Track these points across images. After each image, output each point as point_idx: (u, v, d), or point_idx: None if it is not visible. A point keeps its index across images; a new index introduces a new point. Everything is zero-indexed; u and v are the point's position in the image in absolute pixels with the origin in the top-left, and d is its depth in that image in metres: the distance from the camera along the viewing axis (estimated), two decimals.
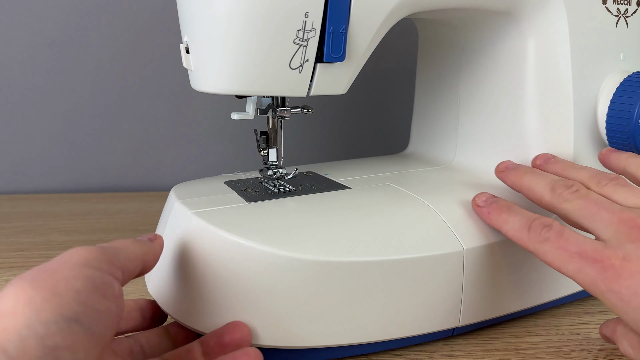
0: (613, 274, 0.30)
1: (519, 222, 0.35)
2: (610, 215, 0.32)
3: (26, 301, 0.22)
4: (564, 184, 0.36)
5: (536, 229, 0.34)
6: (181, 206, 0.37)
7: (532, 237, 0.34)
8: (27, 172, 0.74)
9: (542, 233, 0.33)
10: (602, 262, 0.30)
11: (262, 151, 0.42)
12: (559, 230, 0.33)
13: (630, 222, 0.31)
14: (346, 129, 0.79)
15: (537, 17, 0.42)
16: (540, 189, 0.37)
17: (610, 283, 0.30)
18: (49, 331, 0.21)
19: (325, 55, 0.35)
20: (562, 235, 0.33)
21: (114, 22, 0.71)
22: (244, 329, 0.32)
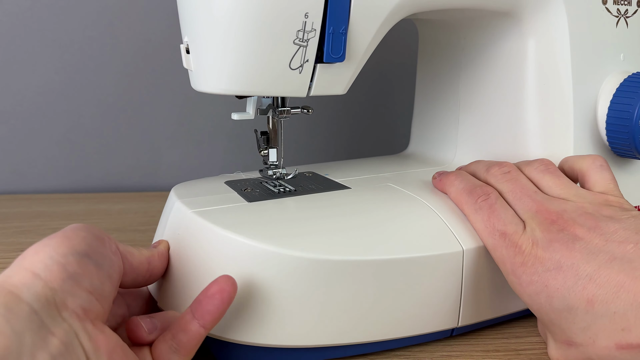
0: (520, 260, 0.32)
1: (463, 185, 0.38)
2: (532, 203, 0.34)
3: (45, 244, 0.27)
4: (499, 165, 0.38)
5: (474, 195, 0.36)
6: (182, 206, 0.37)
7: (469, 202, 0.36)
8: (27, 172, 0.74)
9: (478, 201, 0.36)
10: (515, 246, 0.33)
11: (262, 151, 0.42)
12: (492, 203, 0.35)
13: (544, 215, 0.33)
14: (346, 129, 0.79)
15: (537, 17, 0.42)
16: (478, 169, 0.40)
17: (515, 267, 0.32)
18: (67, 260, 0.26)
19: (325, 56, 0.35)
20: (494, 210, 0.35)
21: (115, 22, 0.71)
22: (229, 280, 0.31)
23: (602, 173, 0.37)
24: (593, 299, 0.29)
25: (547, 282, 0.31)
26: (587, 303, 0.29)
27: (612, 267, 0.29)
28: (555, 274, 0.31)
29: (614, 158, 0.45)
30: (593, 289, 0.29)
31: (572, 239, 0.31)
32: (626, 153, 0.43)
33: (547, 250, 0.32)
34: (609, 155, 0.44)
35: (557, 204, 0.34)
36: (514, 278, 0.33)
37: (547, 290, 0.31)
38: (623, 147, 0.42)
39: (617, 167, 0.45)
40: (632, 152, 0.42)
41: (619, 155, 0.44)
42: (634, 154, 0.42)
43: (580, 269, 0.30)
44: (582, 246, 0.31)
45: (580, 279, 0.30)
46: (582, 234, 0.31)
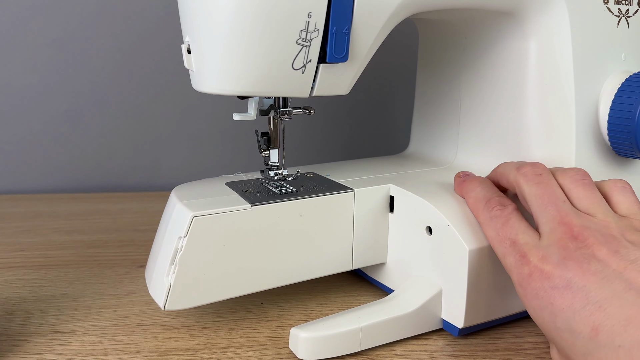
0: (527, 271, 0.31)
1: (483, 194, 0.37)
2: (556, 213, 0.33)
3: None
4: (532, 165, 0.36)
5: (491, 204, 0.36)
6: (183, 208, 0.37)
7: (485, 210, 0.36)
8: (27, 172, 0.74)
9: (494, 210, 0.35)
10: (523, 257, 0.32)
11: (263, 152, 0.42)
12: (508, 214, 0.34)
13: (566, 228, 0.32)
14: (347, 130, 0.79)
15: (539, 17, 0.42)
16: (509, 168, 0.38)
17: (521, 277, 0.32)
18: None
19: (328, 56, 0.35)
20: (509, 220, 0.34)
21: (115, 21, 0.71)
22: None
23: (625, 194, 0.35)
24: (599, 327, 0.27)
25: (553, 299, 0.30)
26: (591, 330, 0.28)
27: (626, 298, 0.27)
28: (563, 293, 0.29)
29: (616, 158, 0.45)
30: (601, 317, 0.27)
31: (589, 259, 0.30)
32: (628, 153, 0.43)
33: (557, 267, 0.30)
34: (610, 155, 0.45)
35: (583, 219, 0.32)
36: (520, 289, 0.32)
37: (552, 307, 0.30)
38: (624, 147, 0.42)
39: (618, 167, 0.45)
40: (634, 151, 0.42)
41: (620, 155, 0.44)
42: (635, 154, 0.42)
43: (591, 293, 0.28)
44: (598, 269, 0.29)
45: (589, 303, 0.28)
46: (601, 255, 0.30)
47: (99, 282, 0.47)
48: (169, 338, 0.39)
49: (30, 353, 0.37)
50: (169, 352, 0.37)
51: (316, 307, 0.43)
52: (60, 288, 0.46)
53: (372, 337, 0.37)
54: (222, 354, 0.37)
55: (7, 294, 0.45)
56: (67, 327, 0.40)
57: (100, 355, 0.37)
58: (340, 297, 0.45)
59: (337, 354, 0.36)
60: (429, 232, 0.39)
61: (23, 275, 0.49)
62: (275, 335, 0.39)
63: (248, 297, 0.44)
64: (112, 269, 0.50)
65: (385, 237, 0.43)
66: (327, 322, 0.37)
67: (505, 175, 0.38)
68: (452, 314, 0.38)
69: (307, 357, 0.35)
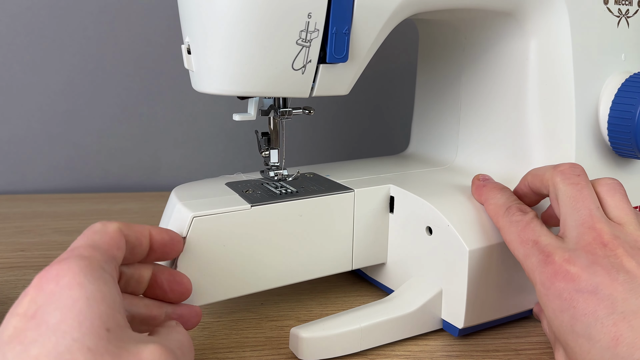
0: (550, 271, 0.31)
1: (503, 201, 0.37)
2: (588, 218, 0.32)
3: None
4: (570, 165, 0.35)
5: (512, 210, 0.35)
6: (183, 208, 0.37)
7: (505, 216, 0.35)
8: (27, 172, 0.74)
9: (515, 215, 0.35)
10: (547, 256, 0.31)
11: (263, 152, 0.42)
12: (529, 219, 0.34)
13: (597, 234, 0.31)
14: (347, 130, 0.79)
15: (539, 17, 0.42)
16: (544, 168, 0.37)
17: (544, 277, 0.31)
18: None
19: (328, 56, 0.35)
20: (529, 224, 0.34)
21: (115, 22, 0.71)
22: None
23: None
24: (619, 339, 0.27)
25: (577, 303, 0.29)
26: (611, 340, 0.27)
27: None
28: (588, 298, 0.29)
29: (616, 158, 0.45)
30: (624, 329, 0.27)
31: (618, 268, 0.29)
32: (628, 153, 0.43)
33: (585, 270, 0.29)
34: (610, 155, 0.45)
35: (614, 228, 0.32)
36: (542, 289, 0.31)
37: (574, 311, 0.29)
38: (625, 147, 0.42)
39: (618, 168, 0.45)
40: (634, 152, 0.42)
41: (620, 156, 0.44)
42: (635, 154, 0.42)
43: (617, 303, 0.28)
44: (626, 280, 0.29)
45: (614, 313, 0.28)
46: (630, 267, 0.29)
47: None
48: None
49: None
50: None
51: (316, 307, 0.43)
52: None
53: (372, 337, 0.37)
54: (222, 354, 0.37)
55: (7, 294, 0.45)
56: None
57: None
58: (340, 297, 0.45)
59: (337, 354, 0.36)
60: (429, 233, 0.39)
61: (23, 276, 0.49)
62: (275, 335, 0.39)
63: (248, 297, 0.44)
64: None
65: (385, 238, 0.43)
66: (327, 322, 0.37)
67: (539, 175, 0.37)
68: (452, 314, 0.38)
69: (307, 357, 0.35)
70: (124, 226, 0.31)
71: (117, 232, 0.30)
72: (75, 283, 0.24)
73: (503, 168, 0.45)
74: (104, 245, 0.29)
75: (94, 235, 0.29)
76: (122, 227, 0.31)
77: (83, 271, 0.25)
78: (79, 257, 0.26)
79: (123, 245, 0.30)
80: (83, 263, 0.26)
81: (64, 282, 0.24)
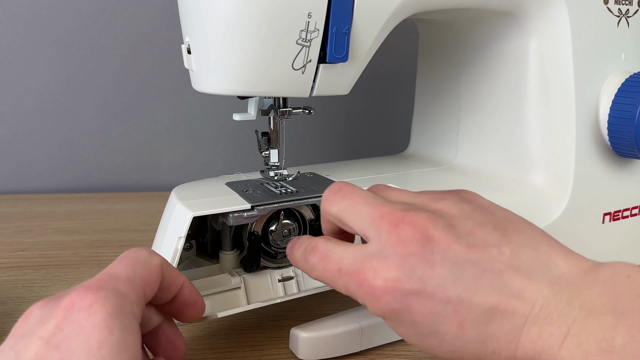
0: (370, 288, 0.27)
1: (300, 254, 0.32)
2: (372, 210, 0.29)
3: None
4: (330, 188, 0.32)
5: (306, 257, 0.31)
6: (183, 207, 0.37)
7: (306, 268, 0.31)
8: (27, 172, 0.74)
9: (310, 259, 0.30)
10: (358, 276, 0.28)
11: (263, 152, 0.42)
12: (322, 250, 0.30)
13: (391, 217, 0.28)
14: (347, 130, 0.79)
15: (539, 17, 0.42)
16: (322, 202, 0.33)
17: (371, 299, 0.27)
18: None
19: (328, 56, 0.35)
20: (326, 256, 0.30)
21: (115, 21, 0.71)
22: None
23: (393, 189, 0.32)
24: (464, 323, 0.26)
25: (411, 307, 0.26)
26: (458, 328, 0.26)
27: (481, 284, 0.26)
28: (419, 298, 0.26)
29: (616, 158, 0.45)
30: (464, 312, 0.26)
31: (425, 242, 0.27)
32: (628, 153, 0.43)
33: (401, 269, 0.26)
34: (610, 155, 0.44)
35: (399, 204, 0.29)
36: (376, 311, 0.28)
37: (412, 317, 0.26)
38: (625, 147, 0.42)
39: (618, 167, 0.45)
40: (634, 151, 0.42)
41: (620, 155, 0.44)
42: (635, 154, 0.42)
43: (447, 290, 0.26)
44: (442, 256, 0.26)
45: (450, 302, 0.26)
46: (437, 235, 0.27)
47: None
48: None
49: None
50: None
51: (316, 307, 0.43)
52: (60, 288, 0.46)
53: (372, 337, 0.37)
54: (222, 354, 0.37)
55: (7, 294, 0.45)
56: None
57: None
58: (341, 297, 0.45)
59: (337, 354, 0.36)
60: None
61: (23, 275, 0.49)
62: (275, 336, 0.39)
63: None
64: None
65: None
66: (327, 322, 0.37)
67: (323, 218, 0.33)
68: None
69: (307, 357, 0.35)
70: (166, 265, 0.30)
71: (159, 270, 0.29)
72: (105, 326, 0.24)
73: (503, 168, 0.45)
74: (142, 281, 0.28)
75: (136, 265, 0.28)
76: (164, 265, 0.30)
77: (115, 314, 0.25)
78: (115, 292, 0.26)
79: (157, 286, 0.29)
80: (117, 302, 0.25)
81: (95, 320, 0.24)
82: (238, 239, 0.41)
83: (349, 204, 0.30)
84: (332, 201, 0.31)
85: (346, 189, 0.31)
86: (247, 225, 0.39)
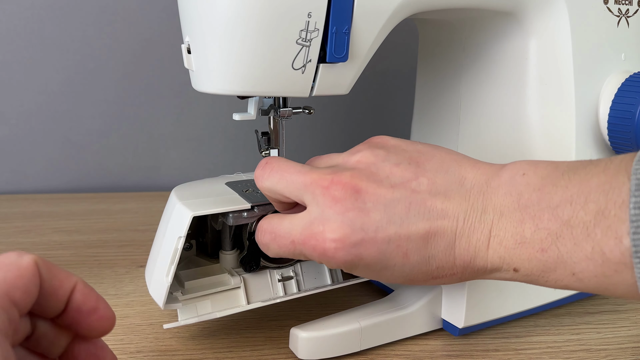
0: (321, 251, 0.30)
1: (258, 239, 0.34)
2: (303, 177, 0.32)
3: None
4: (258, 166, 0.34)
5: (260, 240, 0.34)
6: (183, 207, 0.37)
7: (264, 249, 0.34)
8: (27, 172, 0.74)
9: (262, 241, 0.33)
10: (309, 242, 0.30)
11: (263, 152, 0.42)
12: (269, 230, 0.33)
13: (321, 181, 0.31)
14: (347, 130, 0.79)
15: (539, 17, 0.42)
16: None
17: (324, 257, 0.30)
18: None
19: (328, 56, 0.35)
20: (275, 233, 0.32)
21: (115, 21, 0.71)
22: None
23: None
24: (407, 252, 0.29)
25: (361, 255, 0.30)
26: (403, 257, 0.30)
27: (411, 215, 0.29)
28: (366, 246, 0.29)
29: None
30: (405, 243, 0.29)
31: (356, 196, 0.30)
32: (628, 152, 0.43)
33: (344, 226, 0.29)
34: (610, 155, 0.44)
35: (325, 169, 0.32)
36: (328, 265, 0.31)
37: (364, 261, 0.30)
38: (625, 147, 0.42)
39: None
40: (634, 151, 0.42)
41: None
42: None
43: (386, 230, 0.29)
44: (373, 203, 0.30)
45: (390, 240, 0.29)
46: (363, 186, 0.30)
47: (99, 282, 0.47)
48: (169, 338, 0.39)
49: None
50: (169, 352, 0.37)
51: (316, 307, 0.43)
52: None
53: (372, 337, 0.37)
54: (222, 354, 0.37)
55: None
56: None
57: None
58: (340, 297, 0.45)
59: (337, 354, 0.36)
60: None
61: None
62: (275, 335, 0.39)
63: None
64: (112, 269, 0.50)
65: None
66: (327, 322, 0.37)
67: None
68: (452, 314, 0.38)
69: (307, 357, 0.35)
70: (44, 265, 0.24)
71: (31, 271, 0.24)
72: None
73: None
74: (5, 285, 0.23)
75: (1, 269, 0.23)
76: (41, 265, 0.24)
77: None
78: None
79: (33, 289, 0.24)
80: None
81: None
82: (238, 238, 0.41)
83: (280, 176, 0.32)
84: (262, 177, 0.33)
85: (273, 163, 0.33)
86: (247, 225, 0.39)
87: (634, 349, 0.39)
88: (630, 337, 0.41)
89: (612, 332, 0.41)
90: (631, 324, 0.42)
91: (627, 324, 0.42)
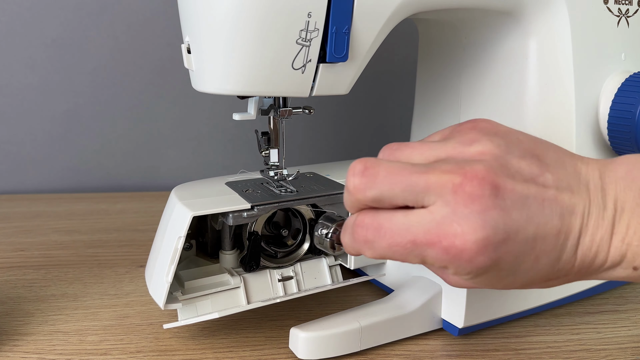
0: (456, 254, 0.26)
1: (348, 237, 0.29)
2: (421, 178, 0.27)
3: None
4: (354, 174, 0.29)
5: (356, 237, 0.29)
6: (183, 207, 0.37)
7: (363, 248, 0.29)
8: (27, 172, 0.74)
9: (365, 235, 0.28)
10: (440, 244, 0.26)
11: (263, 152, 0.42)
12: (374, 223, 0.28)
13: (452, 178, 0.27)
14: (347, 130, 0.79)
15: (539, 17, 0.42)
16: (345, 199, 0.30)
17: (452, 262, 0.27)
18: None
19: (328, 56, 0.35)
20: (382, 226, 0.28)
21: (115, 21, 0.71)
22: None
23: None
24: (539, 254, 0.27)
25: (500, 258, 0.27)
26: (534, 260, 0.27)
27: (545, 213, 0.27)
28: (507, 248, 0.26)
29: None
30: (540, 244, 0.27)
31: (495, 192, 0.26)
32: (628, 152, 0.43)
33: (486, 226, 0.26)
34: (610, 155, 0.44)
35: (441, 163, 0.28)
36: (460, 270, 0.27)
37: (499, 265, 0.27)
38: (625, 146, 0.42)
39: None
40: (634, 151, 0.42)
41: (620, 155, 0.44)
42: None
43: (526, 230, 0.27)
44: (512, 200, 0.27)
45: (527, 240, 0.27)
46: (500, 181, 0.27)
47: (99, 282, 0.47)
48: (169, 338, 0.39)
49: (30, 353, 0.37)
50: (169, 352, 0.37)
51: (316, 307, 0.43)
52: (60, 288, 0.46)
53: (372, 337, 0.37)
54: (222, 354, 0.37)
55: (7, 294, 0.45)
56: (67, 327, 0.40)
57: (100, 355, 0.37)
58: (340, 297, 0.45)
59: (337, 354, 0.36)
60: None
61: (23, 275, 0.49)
62: (275, 335, 0.39)
63: None
64: (112, 269, 0.50)
65: None
66: (327, 322, 0.37)
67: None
68: (452, 314, 0.38)
69: (307, 357, 0.35)
70: None
71: None
72: None
73: None
74: None
75: None
76: None
77: None
78: None
79: None
80: None
81: None
82: (238, 238, 0.41)
83: (391, 182, 0.28)
84: (366, 186, 0.28)
85: (376, 168, 0.28)
86: (247, 225, 0.39)
87: (634, 349, 0.39)
88: (630, 337, 0.41)
89: (612, 332, 0.41)
90: (631, 324, 0.42)
91: (627, 324, 0.42)
